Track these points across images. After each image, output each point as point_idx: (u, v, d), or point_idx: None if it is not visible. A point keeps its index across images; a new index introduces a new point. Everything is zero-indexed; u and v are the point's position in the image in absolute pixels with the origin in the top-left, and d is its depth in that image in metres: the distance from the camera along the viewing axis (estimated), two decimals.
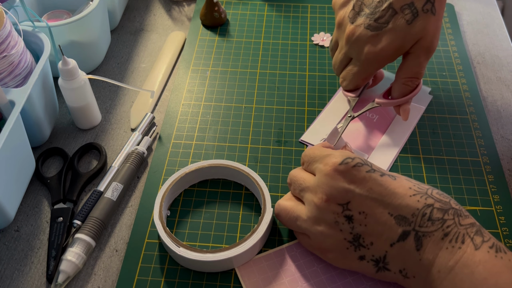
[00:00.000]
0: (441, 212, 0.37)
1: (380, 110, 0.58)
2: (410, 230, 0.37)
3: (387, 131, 0.56)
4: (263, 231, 0.45)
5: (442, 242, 0.37)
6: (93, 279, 0.45)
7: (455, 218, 0.37)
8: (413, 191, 0.38)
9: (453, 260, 0.36)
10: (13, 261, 0.47)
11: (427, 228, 0.37)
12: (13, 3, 0.55)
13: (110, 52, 0.67)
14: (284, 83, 0.62)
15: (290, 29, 0.69)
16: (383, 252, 0.39)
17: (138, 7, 0.75)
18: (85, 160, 0.55)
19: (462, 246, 0.36)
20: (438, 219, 0.37)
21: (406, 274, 0.38)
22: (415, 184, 0.39)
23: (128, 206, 0.51)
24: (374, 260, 0.39)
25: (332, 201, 0.39)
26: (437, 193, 0.39)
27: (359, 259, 0.40)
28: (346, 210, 0.39)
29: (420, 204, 0.38)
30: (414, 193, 0.38)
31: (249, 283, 0.44)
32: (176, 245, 0.44)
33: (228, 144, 0.55)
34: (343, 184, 0.39)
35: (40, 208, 0.51)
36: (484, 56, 0.66)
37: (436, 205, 0.38)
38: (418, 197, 0.38)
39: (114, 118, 0.59)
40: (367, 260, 0.39)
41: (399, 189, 0.38)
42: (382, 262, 0.39)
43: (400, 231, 0.38)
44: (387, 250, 0.38)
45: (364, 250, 0.39)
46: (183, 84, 0.62)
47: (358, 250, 0.39)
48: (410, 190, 0.39)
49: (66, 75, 0.51)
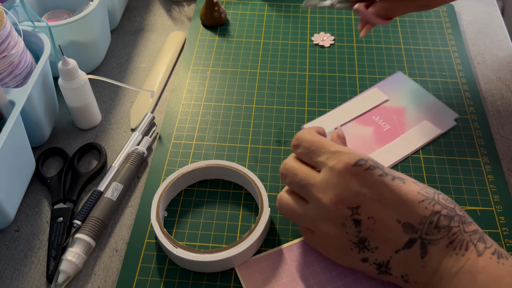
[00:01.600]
0: (448, 220, 0.37)
1: (393, 120, 0.57)
2: (416, 238, 0.37)
3: (392, 142, 0.55)
4: (261, 230, 0.45)
5: (447, 249, 0.37)
6: (93, 279, 0.45)
7: (460, 225, 0.37)
8: (422, 196, 0.38)
9: (456, 267, 0.36)
10: (13, 261, 0.47)
11: (433, 236, 0.37)
12: (13, 3, 0.55)
13: (110, 52, 0.67)
14: (284, 83, 0.62)
15: (290, 29, 0.69)
16: (387, 257, 0.38)
17: (138, 7, 0.75)
18: (85, 160, 0.55)
19: (465, 253, 0.36)
20: (445, 227, 0.37)
21: (407, 279, 0.38)
22: (423, 188, 0.39)
23: (128, 206, 0.51)
24: (377, 264, 0.39)
25: (342, 203, 0.38)
26: (443, 199, 0.38)
27: (362, 261, 0.39)
28: (355, 214, 0.38)
29: (428, 212, 0.37)
30: (422, 198, 0.38)
31: (249, 283, 0.44)
32: (173, 245, 0.44)
33: (228, 144, 0.55)
34: (356, 187, 0.38)
35: (40, 208, 0.51)
36: (484, 56, 0.66)
37: (443, 212, 0.37)
38: (426, 204, 0.37)
39: (114, 118, 0.59)
40: (369, 263, 0.39)
41: (408, 195, 0.37)
42: (385, 266, 0.39)
43: (407, 239, 0.37)
44: (392, 256, 0.38)
45: (368, 253, 0.39)
46: (183, 84, 0.62)
47: (362, 253, 0.39)
48: (419, 195, 0.38)
49: (66, 75, 0.51)
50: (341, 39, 0.68)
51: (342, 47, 0.66)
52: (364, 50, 0.66)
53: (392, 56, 0.65)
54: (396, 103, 0.59)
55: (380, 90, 0.60)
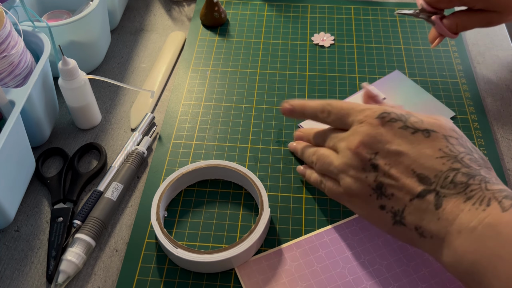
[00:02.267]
0: (466, 177, 0.37)
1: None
2: (431, 190, 0.38)
3: None
4: (261, 231, 0.45)
5: (464, 204, 0.36)
6: (93, 279, 0.45)
7: (481, 184, 0.37)
8: (442, 153, 0.39)
9: (476, 221, 0.35)
10: (13, 261, 0.47)
11: (449, 191, 0.37)
12: (13, 3, 0.55)
13: (110, 52, 0.67)
14: (284, 83, 0.62)
15: (290, 29, 0.69)
16: (402, 205, 0.39)
17: (138, 7, 0.75)
18: (85, 160, 0.55)
19: (487, 208, 0.35)
20: (461, 183, 0.37)
21: (422, 232, 0.38)
22: (449, 145, 0.39)
23: (128, 206, 0.51)
24: (393, 212, 0.40)
25: (363, 148, 0.41)
26: (469, 159, 0.38)
27: (380, 208, 0.41)
28: (374, 159, 0.41)
29: (445, 167, 0.38)
30: (442, 155, 0.39)
31: (249, 283, 0.44)
32: (173, 246, 0.44)
33: (228, 144, 0.55)
34: (376, 136, 0.41)
35: (40, 208, 0.51)
36: (484, 56, 0.66)
37: (462, 170, 0.38)
38: (444, 160, 0.38)
39: (114, 118, 0.59)
40: (386, 211, 0.40)
41: (427, 150, 0.39)
42: (400, 216, 0.39)
43: (420, 189, 0.38)
44: (406, 204, 0.39)
45: (385, 200, 0.40)
46: (183, 84, 0.62)
47: (379, 199, 0.40)
48: (439, 151, 0.39)
49: (66, 75, 0.51)
50: (341, 39, 0.68)
51: (342, 47, 0.66)
52: (364, 50, 0.66)
53: (392, 56, 0.65)
54: (393, 101, 0.59)
55: (377, 89, 0.60)
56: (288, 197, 0.51)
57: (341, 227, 0.48)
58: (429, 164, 0.38)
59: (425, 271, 0.44)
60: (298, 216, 0.49)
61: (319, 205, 0.50)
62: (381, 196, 0.40)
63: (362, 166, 0.41)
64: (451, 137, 0.40)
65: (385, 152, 0.40)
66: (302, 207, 0.50)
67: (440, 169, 0.38)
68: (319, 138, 0.48)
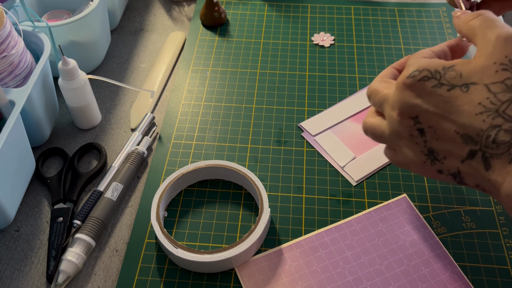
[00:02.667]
0: (508, 135, 0.35)
1: None
2: (477, 150, 0.36)
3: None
4: (261, 231, 0.45)
5: (509, 166, 0.34)
6: (93, 279, 0.45)
7: None
8: (481, 107, 0.36)
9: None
10: (13, 261, 0.47)
11: (493, 151, 0.35)
12: (13, 3, 0.55)
13: (110, 52, 0.67)
14: (284, 83, 0.62)
15: (290, 29, 0.69)
16: (455, 168, 0.38)
17: (138, 7, 0.75)
18: (85, 160, 0.55)
19: None
20: (504, 143, 0.35)
21: (483, 189, 0.37)
22: (489, 97, 0.35)
23: (128, 206, 0.51)
24: (451, 174, 0.38)
25: (404, 115, 0.39)
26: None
27: (438, 173, 0.39)
28: (417, 124, 0.38)
29: (486, 125, 0.35)
30: (481, 110, 0.36)
31: (249, 283, 0.44)
32: (173, 246, 0.44)
33: (228, 144, 0.55)
34: (410, 98, 0.38)
35: (40, 208, 0.51)
36: None
37: (504, 126, 0.35)
38: (484, 116, 0.35)
39: (114, 118, 0.59)
40: (445, 174, 0.39)
41: (465, 106, 0.36)
42: (459, 177, 0.38)
43: (467, 150, 0.36)
44: (459, 166, 0.37)
45: (440, 165, 0.39)
46: (183, 84, 0.62)
47: (434, 164, 0.39)
48: (479, 106, 0.36)
49: (66, 75, 0.51)
50: (341, 39, 0.68)
51: (342, 47, 0.66)
52: (364, 50, 0.66)
53: (392, 56, 0.65)
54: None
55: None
56: (288, 197, 0.51)
57: (341, 227, 0.48)
58: (470, 122, 0.35)
59: (425, 271, 0.44)
60: (298, 216, 0.49)
61: (319, 205, 0.50)
62: (435, 161, 0.39)
63: (409, 132, 0.39)
64: (495, 84, 0.36)
65: (425, 115, 0.38)
66: (302, 207, 0.50)
67: (480, 127, 0.35)
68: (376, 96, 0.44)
